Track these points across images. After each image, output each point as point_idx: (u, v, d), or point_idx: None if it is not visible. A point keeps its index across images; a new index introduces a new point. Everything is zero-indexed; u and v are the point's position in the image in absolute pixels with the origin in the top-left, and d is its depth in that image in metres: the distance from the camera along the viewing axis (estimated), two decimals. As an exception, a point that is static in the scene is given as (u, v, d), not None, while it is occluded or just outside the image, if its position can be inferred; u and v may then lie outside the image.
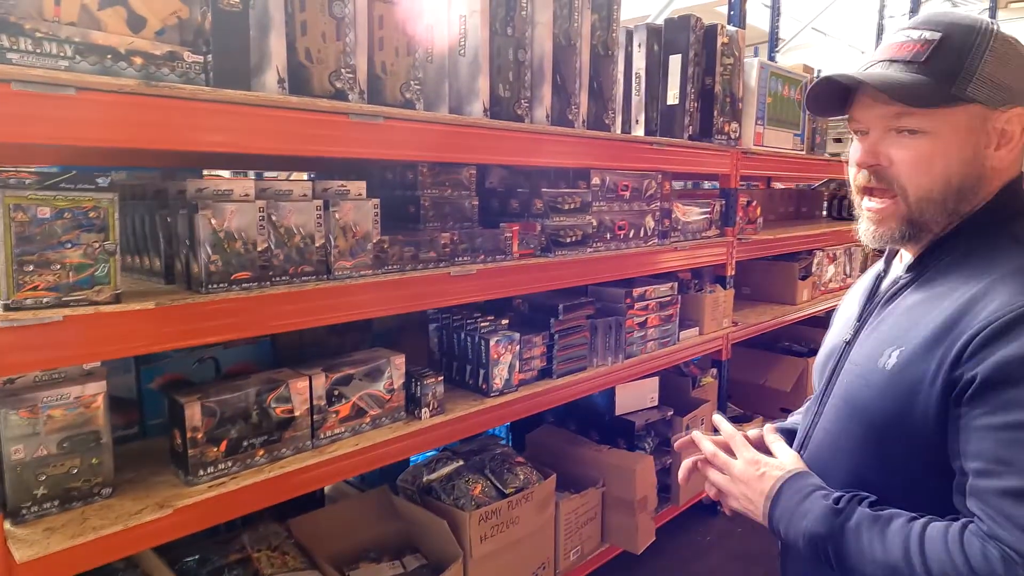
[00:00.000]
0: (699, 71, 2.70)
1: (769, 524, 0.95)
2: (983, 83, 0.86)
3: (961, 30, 0.87)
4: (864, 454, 0.92)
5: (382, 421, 1.75)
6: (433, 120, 1.74)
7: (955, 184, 0.89)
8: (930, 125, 0.88)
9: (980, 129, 0.88)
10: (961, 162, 0.88)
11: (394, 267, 1.72)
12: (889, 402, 0.87)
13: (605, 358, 2.38)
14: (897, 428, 0.87)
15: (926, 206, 0.90)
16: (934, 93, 0.86)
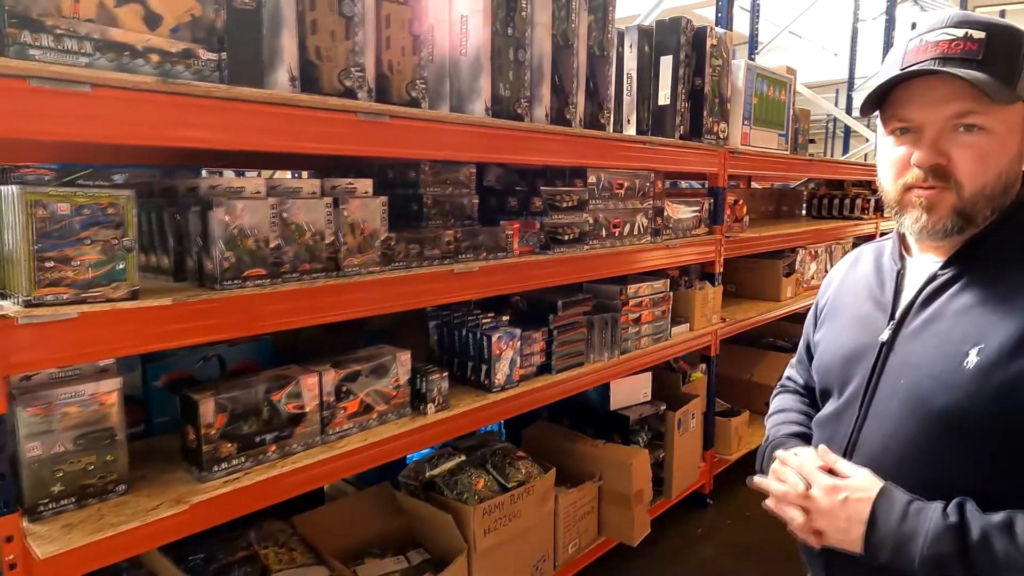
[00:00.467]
0: (689, 72, 2.75)
1: (866, 551, 0.88)
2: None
3: (1002, 30, 0.89)
4: (951, 455, 0.88)
5: (388, 417, 1.77)
6: (438, 119, 1.76)
7: (1003, 180, 0.91)
8: (990, 122, 0.88)
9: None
10: (1010, 159, 0.90)
11: (400, 264, 1.74)
12: (981, 402, 0.85)
13: (601, 354, 2.42)
14: (992, 426, 0.85)
15: (979, 200, 0.91)
16: (1000, 91, 0.86)
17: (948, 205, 0.91)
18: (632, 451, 2.52)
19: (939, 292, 0.94)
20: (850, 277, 1.12)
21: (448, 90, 1.91)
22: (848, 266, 1.15)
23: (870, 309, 1.02)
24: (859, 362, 1.00)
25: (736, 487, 3.48)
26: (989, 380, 0.84)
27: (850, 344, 1.03)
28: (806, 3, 6.84)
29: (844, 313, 1.09)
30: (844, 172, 4.81)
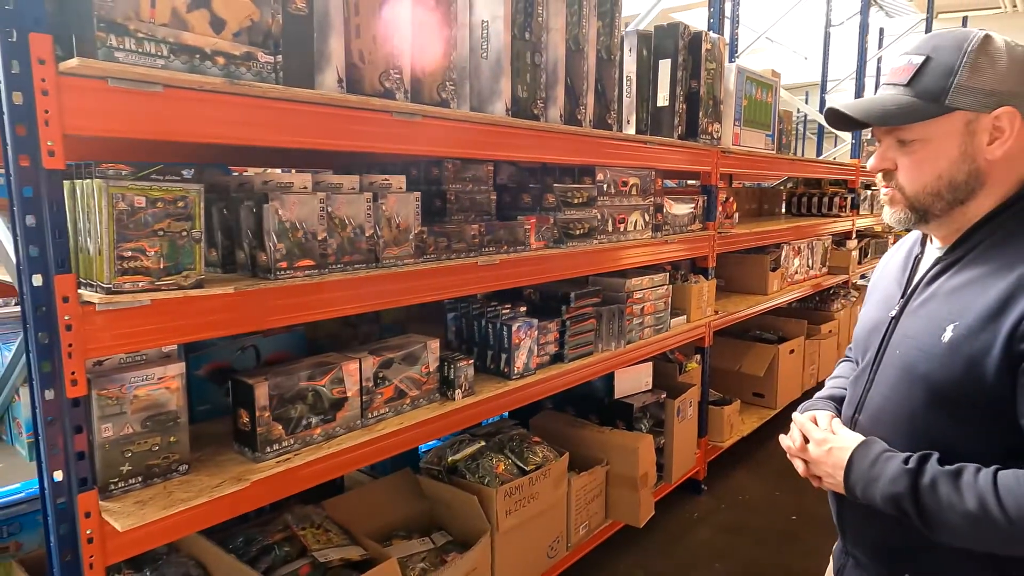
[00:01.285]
0: (686, 75, 2.89)
1: (846, 491, 1.04)
2: (963, 93, 0.98)
3: (945, 50, 1.00)
4: (930, 416, 1.01)
5: (420, 402, 1.86)
6: (465, 119, 1.86)
7: (946, 178, 1.02)
8: (922, 134, 1.02)
9: (967, 131, 1.00)
10: (950, 161, 1.01)
11: (432, 257, 1.83)
12: (949, 371, 0.96)
13: (609, 343, 2.54)
14: (960, 393, 0.96)
15: (923, 197, 1.04)
16: (918, 110, 1.00)
17: (900, 201, 1.07)
18: (638, 436, 2.64)
19: (939, 275, 1.06)
20: (890, 261, 1.24)
21: (468, 91, 2.01)
22: (891, 252, 1.27)
23: (893, 289, 1.15)
24: (876, 333, 1.14)
25: (729, 473, 3.64)
26: (959, 353, 0.95)
27: (873, 318, 1.17)
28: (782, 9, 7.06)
29: (877, 292, 1.22)
30: (823, 171, 5.01)
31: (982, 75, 0.98)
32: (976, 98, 0.98)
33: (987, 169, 1.01)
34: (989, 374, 0.92)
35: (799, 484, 3.35)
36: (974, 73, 0.98)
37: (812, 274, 4.58)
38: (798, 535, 3.03)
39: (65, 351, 1.17)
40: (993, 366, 0.92)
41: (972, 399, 0.95)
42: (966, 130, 1.00)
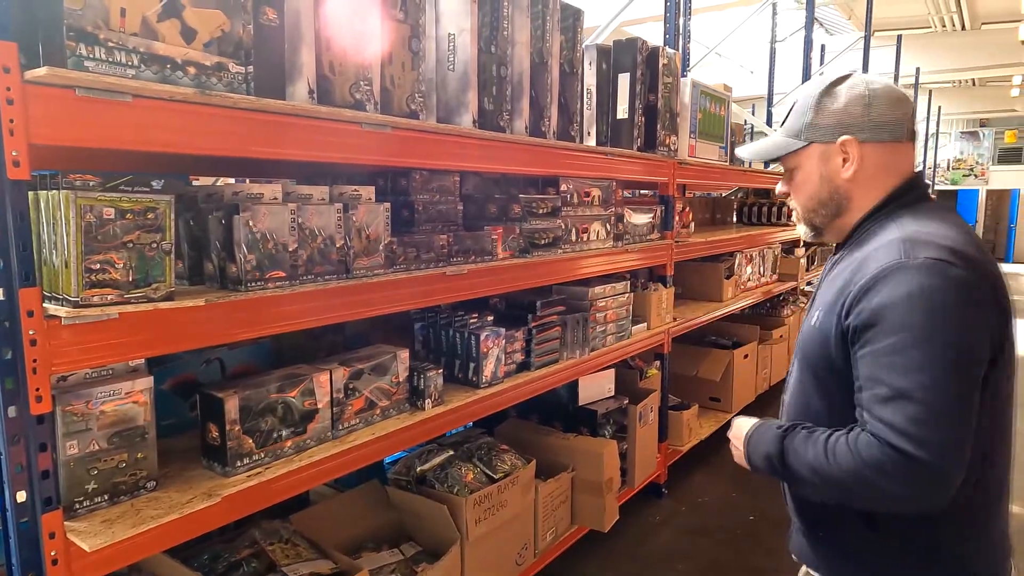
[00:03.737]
0: (644, 89, 2.97)
1: (747, 462, 1.23)
2: (814, 128, 1.21)
3: (805, 95, 1.24)
4: (810, 390, 1.21)
5: (390, 412, 1.86)
6: (434, 130, 1.88)
7: (817, 197, 1.24)
8: (795, 164, 1.26)
9: (822, 159, 1.22)
10: (817, 183, 1.23)
11: (401, 267, 1.84)
12: (815, 347, 1.17)
13: (573, 351, 2.58)
14: (822, 367, 1.16)
15: (807, 213, 1.28)
16: (786, 146, 1.24)
17: (800, 219, 1.31)
18: (602, 442, 2.69)
19: (825, 276, 1.27)
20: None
21: (436, 103, 2.03)
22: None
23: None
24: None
25: (688, 476, 3.72)
26: (819, 332, 1.15)
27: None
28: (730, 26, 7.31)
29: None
30: (773, 182, 5.19)
31: (825, 112, 1.20)
32: (823, 131, 1.20)
33: (848, 187, 1.21)
34: (834, 346, 1.12)
35: (755, 485, 3.48)
36: (819, 112, 1.21)
37: (764, 281, 4.75)
38: (757, 534, 3.13)
39: (30, 367, 1.13)
40: (835, 339, 1.11)
41: (829, 369, 1.14)
42: (821, 158, 1.22)
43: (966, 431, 1.00)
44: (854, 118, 1.17)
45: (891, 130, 1.17)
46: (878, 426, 1.01)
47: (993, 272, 1.07)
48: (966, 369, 1.00)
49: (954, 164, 19.14)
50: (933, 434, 0.97)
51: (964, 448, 0.99)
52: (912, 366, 0.99)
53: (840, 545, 1.19)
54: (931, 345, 0.99)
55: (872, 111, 1.17)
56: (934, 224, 1.10)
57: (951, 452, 0.98)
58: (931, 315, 1.00)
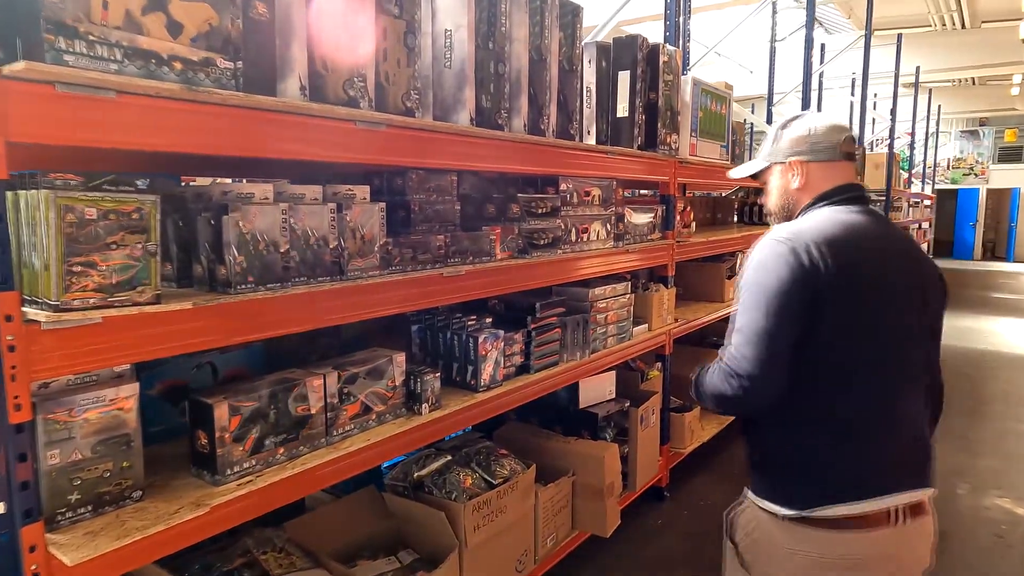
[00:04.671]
0: (645, 86, 2.93)
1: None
2: (775, 153, 1.59)
3: (772, 128, 1.62)
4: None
5: (386, 417, 1.81)
6: (431, 128, 1.83)
7: (779, 203, 1.61)
8: (765, 179, 1.65)
9: (781, 176, 1.59)
10: (779, 194, 1.60)
11: (397, 268, 1.79)
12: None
13: (574, 353, 2.53)
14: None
15: (774, 211, 1.63)
16: (757, 166, 1.65)
17: (772, 222, 1.63)
18: (603, 446, 2.64)
19: None
20: None
21: (432, 101, 1.98)
22: None
23: None
24: None
25: (691, 479, 3.68)
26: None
27: None
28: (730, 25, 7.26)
29: None
30: (773, 181, 5.15)
31: (783, 142, 1.58)
32: (780, 154, 1.58)
33: (796, 195, 1.57)
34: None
35: (759, 488, 3.43)
36: (778, 140, 1.59)
37: (765, 281, 4.69)
38: (759, 539, 3.08)
39: (8, 374, 1.09)
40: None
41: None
42: (780, 174, 1.59)
43: (773, 355, 1.34)
44: (800, 145, 1.55)
45: (827, 153, 1.53)
46: (726, 351, 1.43)
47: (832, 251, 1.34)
48: (775, 313, 1.33)
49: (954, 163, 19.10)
50: (747, 353, 1.35)
51: (771, 366, 1.35)
52: (742, 310, 1.39)
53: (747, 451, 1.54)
54: (752, 295, 1.37)
55: (811, 140, 1.54)
56: (812, 218, 1.46)
57: (759, 368, 1.34)
58: (756, 274, 1.38)
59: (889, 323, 1.38)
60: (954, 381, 5.86)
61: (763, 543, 1.45)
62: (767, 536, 1.44)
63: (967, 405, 5.17)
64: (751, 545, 1.48)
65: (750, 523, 1.49)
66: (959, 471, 3.91)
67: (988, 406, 5.17)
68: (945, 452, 4.21)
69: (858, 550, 1.35)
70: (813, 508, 1.35)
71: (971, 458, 4.11)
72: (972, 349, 7.11)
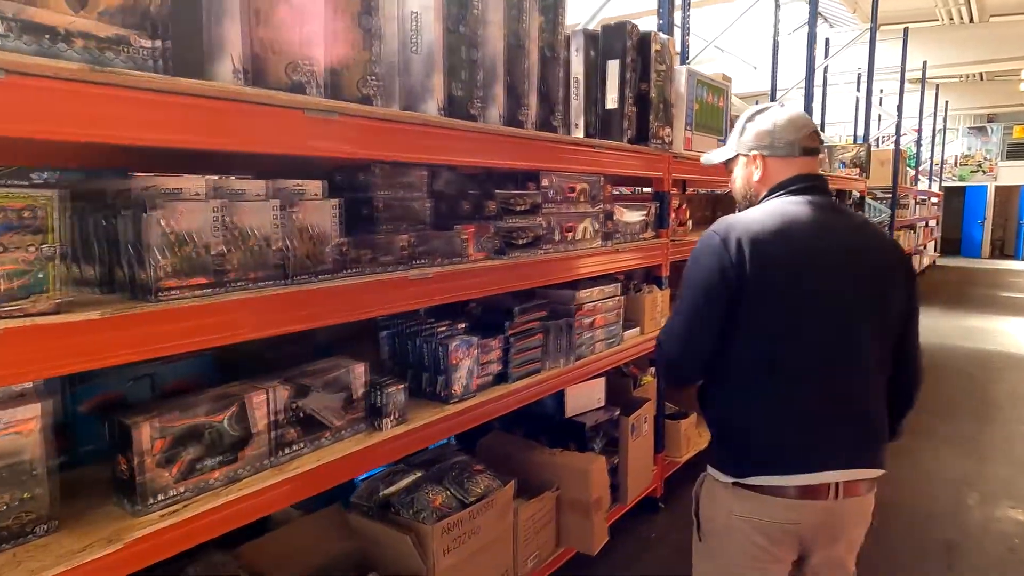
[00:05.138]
0: (635, 77, 2.76)
1: None
2: (740, 145, 1.67)
3: (739, 121, 1.69)
4: None
5: (343, 434, 1.66)
6: (393, 118, 1.68)
7: (743, 193, 1.70)
8: (732, 168, 1.74)
9: (745, 166, 1.67)
10: (742, 183, 1.69)
11: (354, 271, 1.64)
12: None
13: (557, 360, 2.38)
14: None
15: (739, 200, 1.72)
16: (725, 155, 1.75)
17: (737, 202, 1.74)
18: (590, 458, 2.48)
19: None
20: None
21: (398, 89, 1.83)
22: None
23: None
24: None
25: (687, 489, 3.51)
26: None
27: None
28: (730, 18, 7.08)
29: None
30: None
31: (747, 135, 1.66)
32: (744, 147, 1.66)
33: (757, 186, 1.65)
34: None
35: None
36: (743, 133, 1.67)
37: (766, 281, 4.53)
38: (757, 554, 2.92)
39: None
40: None
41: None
42: (744, 165, 1.68)
43: (692, 336, 1.50)
44: (762, 140, 1.62)
45: (786, 149, 1.60)
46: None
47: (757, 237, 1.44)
48: (700, 299, 1.47)
49: (962, 160, 18.85)
50: (672, 335, 1.53)
51: (689, 346, 1.51)
52: (679, 295, 1.54)
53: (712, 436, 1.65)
54: (686, 279, 1.52)
55: (773, 136, 1.61)
56: (757, 209, 1.55)
57: (678, 346, 1.52)
58: (691, 260, 1.53)
59: (819, 311, 1.45)
60: (961, 382, 5.67)
61: (713, 509, 1.57)
62: (716, 502, 1.55)
63: (974, 408, 4.99)
64: (705, 514, 1.59)
65: (706, 494, 1.61)
66: (968, 479, 3.74)
67: (997, 409, 4.99)
68: (952, 458, 4.04)
69: (792, 517, 1.46)
70: (747, 476, 1.47)
71: (980, 465, 3.94)
72: (980, 349, 6.92)
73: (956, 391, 5.43)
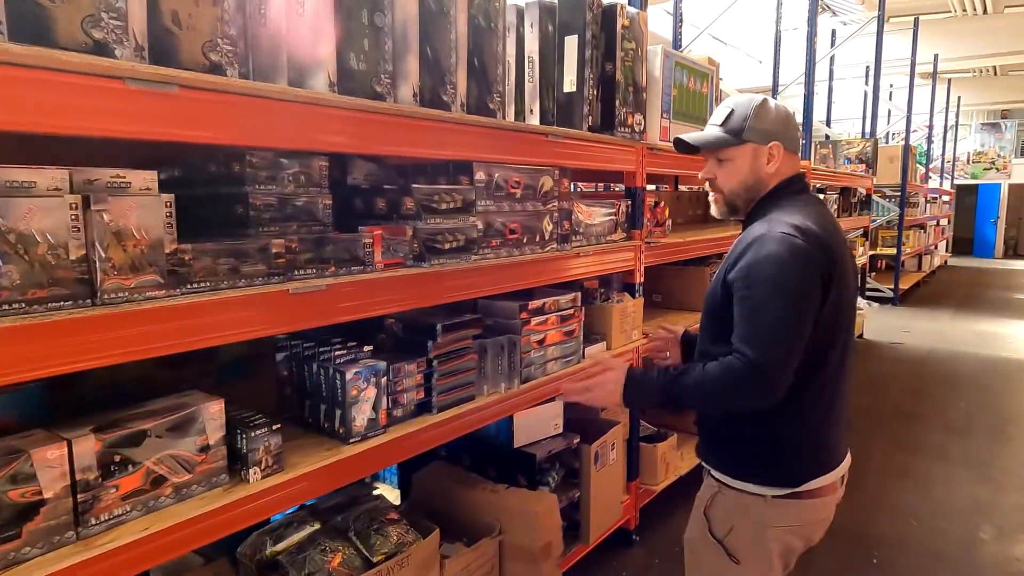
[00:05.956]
0: (598, 55, 2.41)
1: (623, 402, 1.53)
2: (752, 132, 1.52)
3: (742, 105, 1.53)
4: (707, 329, 1.57)
5: (192, 490, 1.32)
6: (252, 92, 1.34)
7: (745, 185, 1.56)
8: (730, 156, 1.55)
9: (755, 156, 1.54)
10: (746, 174, 1.55)
11: (202, 285, 1.30)
12: (709, 298, 1.54)
13: (498, 384, 2.03)
14: (713, 313, 1.52)
15: (733, 197, 1.59)
16: (728, 140, 1.54)
17: (720, 200, 1.61)
18: (538, 497, 2.14)
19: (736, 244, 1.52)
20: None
21: (285, 61, 1.49)
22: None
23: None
24: None
25: (666, 519, 3.16)
26: (713, 286, 1.52)
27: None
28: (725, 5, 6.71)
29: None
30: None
31: (762, 121, 1.53)
32: (759, 135, 1.53)
33: (765, 179, 1.55)
34: (720, 295, 1.49)
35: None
36: (757, 120, 1.53)
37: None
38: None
39: None
40: (720, 289, 1.49)
41: (717, 315, 1.50)
42: (753, 155, 1.54)
43: (793, 352, 1.37)
44: (780, 129, 1.55)
45: (795, 144, 1.59)
46: (742, 347, 1.37)
47: (825, 243, 1.42)
48: (796, 309, 1.38)
49: (974, 157, 18.34)
50: (771, 351, 1.35)
51: (790, 364, 1.37)
52: (766, 306, 1.38)
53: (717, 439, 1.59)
54: (776, 294, 1.37)
55: (788, 128, 1.56)
56: (794, 210, 1.48)
57: (781, 365, 1.36)
58: (776, 270, 1.38)
59: (847, 304, 1.48)
60: (975, 394, 5.28)
61: (748, 526, 1.50)
62: (752, 518, 1.50)
63: (990, 424, 4.59)
64: (736, 532, 1.51)
65: (731, 511, 1.52)
66: (981, 508, 3.36)
67: (1015, 425, 4.59)
68: (965, 483, 3.66)
69: (828, 513, 1.54)
70: (802, 483, 1.47)
71: (995, 493, 3.55)
72: (993, 357, 6.50)
73: (970, 404, 5.03)
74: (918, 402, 5.10)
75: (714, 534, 1.52)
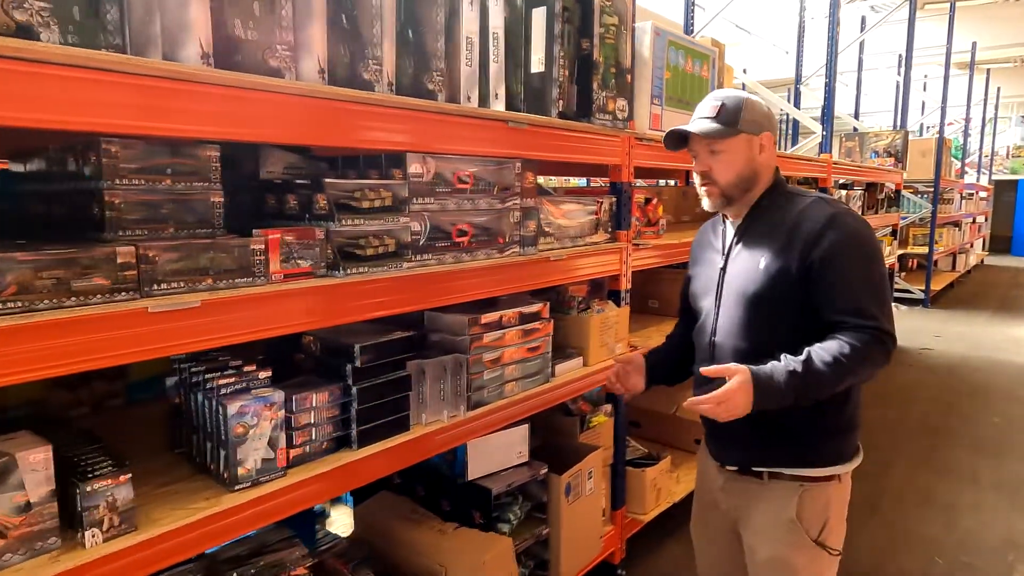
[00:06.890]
0: (572, 30, 2.11)
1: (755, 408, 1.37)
2: (746, 123, 1.54)
3: (732, 99, 1.56)
4: (756, 319, 1.53)
5: (6, 560, 1.06)
6: (75, 61, 1.06)
7: (741, 175, 1.57)
8: (725, 147, 1.56)
9: (749, 146, 1.56)
10: (742, 164, 1.56)
11: (15, 304, 1.03)
12: (763, 286, 1.51)
13: (439, 411, 1.75)
14: (770, 299, 1.50)
15: (729, 188, 1.57)
16: (724, 131, 1.54)
17: (716, 193, 1.59)
18: (489, 541, 1.85)
19: (742, 236, 1.60)
20: (701, 240, 1.79)
21: (159, 32, 1.22)
22: (699, 236, 1.82)
23: (712, 254, 1.69)
24: (711, 283, 1.65)
25: (657, 550, 2.85)
26: (768, 274, 1.50)
27: (705, 276, 1.69)
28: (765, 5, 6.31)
29: (700, 263, 1.74)
30: (792, 167, 4.24)
31: (753, 113, 1.56)
32: (752, 126, 1.56)
33: (759, 169, 1.59)
34: (790, 282, 1.47)
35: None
36: (748, 111, 1.55)
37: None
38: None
39: None
40: (793, 277, 1.47)
41: (777, 302, 1.49)
42: (748, 145, 1.56)
43: None
44: (767, 120, 1.59)
45: (775, 133, 1.63)
46: (865, 321, 1.39)
47: None
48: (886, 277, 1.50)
49: (1014, 152, 17.49)
50: (891, 316, 1.44)
51: None
52: (874, 276, 1.46)
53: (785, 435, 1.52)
54: (876, 263, 1.48)
55: (772, 121, 1.61)
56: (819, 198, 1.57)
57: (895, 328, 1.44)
58: (871, 244, 1.49)
59: None
60: (1012, 409, 4.84)
61: (838, 512, 1.54)
62: (838, 503, 1.53)
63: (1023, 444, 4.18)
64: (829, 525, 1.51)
65: (821, 504, 1.51)
66: (1016, 544, 2.98)
67: (1056, 445, 4.17)
68: (997, 511, 3.28)
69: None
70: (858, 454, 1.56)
71: (1033, 524, 3.17)
72: (1033, 366, 6.03)
73: (1005, 420, 4.61)
74: (947, 416, 4.69)
75: (812, 537, 1.49)
